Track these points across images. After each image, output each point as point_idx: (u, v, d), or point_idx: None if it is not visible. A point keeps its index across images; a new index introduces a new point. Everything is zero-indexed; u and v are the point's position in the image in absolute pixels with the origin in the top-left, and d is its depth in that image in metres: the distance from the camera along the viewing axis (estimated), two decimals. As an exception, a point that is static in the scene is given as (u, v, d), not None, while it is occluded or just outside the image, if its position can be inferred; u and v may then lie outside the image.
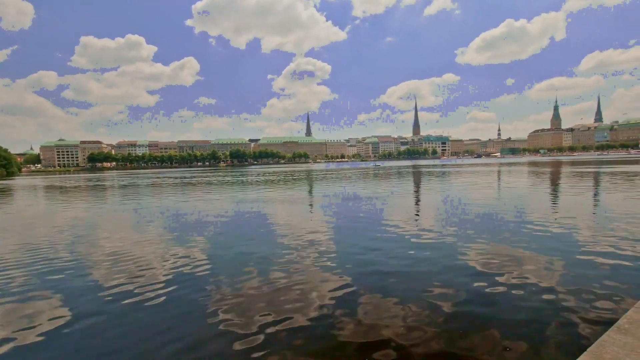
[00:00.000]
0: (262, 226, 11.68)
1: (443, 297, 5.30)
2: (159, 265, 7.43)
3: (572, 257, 7.03)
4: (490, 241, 8.49)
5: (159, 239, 9.98)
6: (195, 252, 8.40)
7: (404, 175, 43.30)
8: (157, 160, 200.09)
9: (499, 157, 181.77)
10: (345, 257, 7.57)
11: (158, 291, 5.92)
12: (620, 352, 2.70)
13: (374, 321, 4.61)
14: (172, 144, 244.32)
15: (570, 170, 41.39)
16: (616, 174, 30.80)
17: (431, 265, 6.84)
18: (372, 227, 10.81)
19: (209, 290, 5.91)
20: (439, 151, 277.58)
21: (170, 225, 12.36)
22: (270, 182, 36.38)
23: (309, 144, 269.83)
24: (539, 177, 31.24)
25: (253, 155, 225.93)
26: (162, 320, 4.90)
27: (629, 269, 6.17)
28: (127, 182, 46.77)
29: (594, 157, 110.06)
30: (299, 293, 5.63)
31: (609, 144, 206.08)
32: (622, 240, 8.05)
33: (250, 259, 7.67)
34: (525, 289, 5.48)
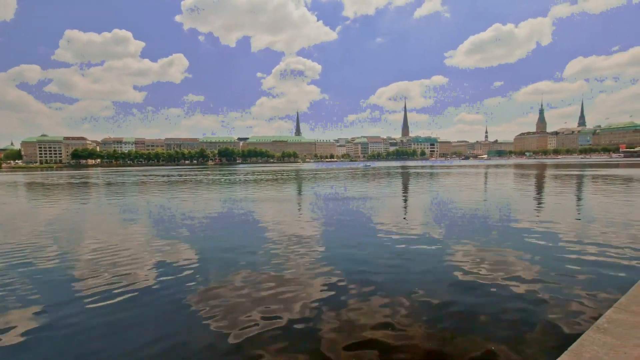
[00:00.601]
0: (250, 225, 11.58)
1: (430, 296, 5.33)
2: (144, 263, 7.28)
3: (555, 257, 7.15)
4: (476, 241, 8.58)
5: (144, 238, 9.79)
6: (181, 250, 8.27)
7: (394, 176, 43.56)
8: (144, 157, 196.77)
9: (486, 159, 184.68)
10: (333, 256, 7.55)
11: (142, 290, 5.80)
12: (600, 351, 2.73)
13: (361, 320, 4.60)
14: (159, 141, 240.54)
15: (554, 173, 42.27)
16: (597, 177, 31.60)
17: (418, 265, 6.88)
18: (360, 227, 10.84)
19: (194, 288, 5.82)
20: (428, 152, 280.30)
21: (156, 223, 12.14)
22: (259, 182, 36.15)
23: (298, 144, 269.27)
24: (525, 180, 31.81)
25: (242, 154, 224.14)
26: (146, 318, 4.82)
27: (609, 269, 6.30)
28: (112, 179, 45.86)
29: (577, 160, 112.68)
30: (285, 292, 5.58)
31: (592, 147, 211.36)
32: (602, 242, 8.24)
33: (237, 258, 7.57)
34: (510, 288, 5.55)
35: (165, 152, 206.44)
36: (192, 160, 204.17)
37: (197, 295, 5.52)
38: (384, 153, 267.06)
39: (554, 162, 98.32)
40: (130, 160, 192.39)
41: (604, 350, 2.74)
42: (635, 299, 3.68)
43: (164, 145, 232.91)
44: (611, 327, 3.12)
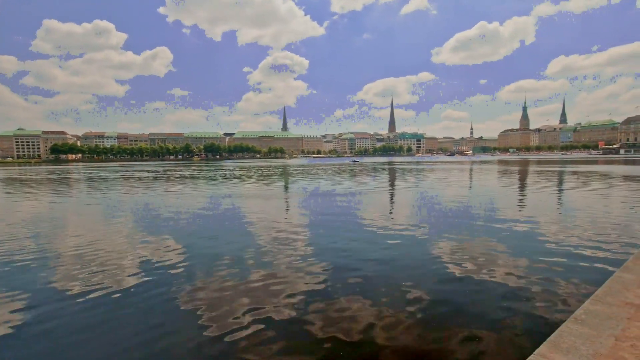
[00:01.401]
0: (236, 221, 11.45)
1: (417, 289, 5.36)
2: (128, 260, 7.09)
3: (536, 250, 7.29)
4: (462, 236, 8.69)
5: (127, 235, 9.56)
6: (166, 247, 8.09)
7: (383, 171, 43.84)
8: (127, 153, 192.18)
9: (471, 156, 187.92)
10: (320, 251, 7.52)
11: (125, 287, 5.64)
12: (577, 341, 2.78)
13: (349, 314, 4.59)
14: (143, 136, 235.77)
15: (537, 169, 43.29)
16: (578, 173, 32.51)
17: (405, 260, 6.92)
18: (347, 222, 10.84)
19: (180, 286, 5.69)
20: (414, 148, 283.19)
21: (140, 220, 11.88)
22: (245, 177, 35.85)
23: (285, 139, 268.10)
24: (509, 176, 32.46)
25: (228, 149, 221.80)
26: (130, 317, 4.68)
27: (587, 262, 6.47)
28: (94, 175, 44.75)
29: (559, 157, 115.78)
30: (273, 288, 5.52)
31: (572, 144, 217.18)
32: (582, 236, 8.45)
33: (223, 254, 7.46)
34: (493, 280, 5.64)
35: (149, 147, 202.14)
36: (177, 156, 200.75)
37: (182, 293, 5.40)
38: (371, 149, 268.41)
39: (536, 159, 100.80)
40: (113, 155, 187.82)
41: (581, 341, 2.79)
42: (611, 291, 3.77)
43: (148, 140, 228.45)
44: (588, 318, 3.17)
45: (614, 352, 2.63)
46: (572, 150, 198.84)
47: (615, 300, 3.53)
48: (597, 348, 2.68)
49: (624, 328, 2.98)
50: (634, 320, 3.12)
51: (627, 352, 2.62)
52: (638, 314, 3.22)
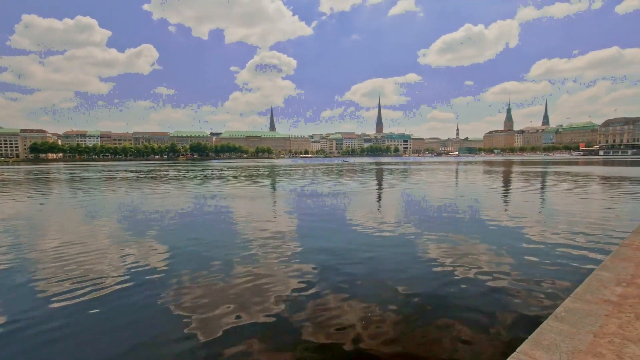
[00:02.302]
0: (223, 222, 11.32)
1: (403, 288, 5.40)
2: (111, 262, 6.92)
3: (520, 249, 7.45)
4: (448, 235, 8.79)
5: (111, 236, 9.34)
6: (151, 249, 7.94)
7: (371, 172, 44.08)
8: (110, 152, 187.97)
9: (457, 156, 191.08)
10: (307, 252, 7.50)
11: (109, 290, 5.51)
12: (557, 339, 2.83)
13: (337, 313, 4.59)
14: (126, 135, 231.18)
15: (521, 169, 44.23)
16: (560, 174, 33.37)
17: (392, 259, 6.96)
18: (335, 223, 10.84)
19: (165, 288, 5.58)
20: (401, 149, 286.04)
21: (124, 221, 11.63)
22: (232, 177, 35.54)
23: (272, 139, 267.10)
24: (494, 176, 33.07)
25: (215, 149, 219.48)
26: (114, 320, 4.56)
27: (568, 260, 6.62)
28: (76, 175, 43.65)
29: (541, 158, 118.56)
30: (260, 289, 5.48)
31: (554, 145, 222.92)
32: (563, 235, 8.66)
33: (210, 255, 7.36)
34: (478, 279, 5.73)
35: (134, 146, 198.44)
36: (162, 155, 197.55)
37: (167, 296, 5.30)
38: (358, 149, 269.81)
39: (520, 160, 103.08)
40: (96, 154, 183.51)
41: (561, 338, 2.85)
42: (590, 289, 3.86)
43: (132, 140, 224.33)
44: (567, 315, 3.24)
45: (593, 348, 2.69)
46: (554, 152, 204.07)
47: (594, 298, 3.62)
48: (577, 345, 2.74)
49: (602, 325, 3.05)
50: (611, 317, 3.20)
51: (605, 348, 2.68)
52: (615, 311, 3.31)
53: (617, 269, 4.49)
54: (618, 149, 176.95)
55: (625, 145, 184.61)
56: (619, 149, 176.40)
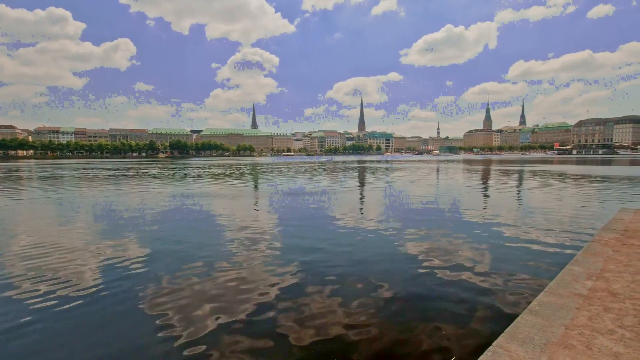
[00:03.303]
0: (203, 221, 11.15)
1: (385, 286, 5.46)
2: (87, 264, 6.69)
3: (498, 245, 7.67)
4: (429, 233, 8.96)
5: (87, 237, 9.02)
6: (129, 249, 7.73)
7: (355, 170, 44.29)
8: (85, 149, 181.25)
9: (438, 155, 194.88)
10: (290, 251, 7.47)
11: (85, 293, 5.32)
12: (531, 332, 2.93)
13: (320, 312, 4.59)
14: (103, 131, 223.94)
15: (499, 168, 45.45)
16: (536, 172, 34.50)
17: (375, 257, 7.02)
18: (318, 221, 10.85)
19: (143, 290, 5.43)
20: (383, 147, 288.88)
21: (100, 221, 11.28)
22: (213, 176, 35.03)
23: (254, 137, 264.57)
24: (474, 175, 33.84)
25: (195, 147, 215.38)
26: (90, 324, 4.41)
27: (543, 256, 6.86)
28: (48, 173, 42.03)
29: (518, 157, 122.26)
30: (242, 289, 5.42)
31: (531, 145, 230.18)
32: (538, 231, 8.96)
33: (190, 255, 7.23)
34: (458, 275, 5.85)
35: (110, 143, 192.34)
36: (140, 153, 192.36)
37: (146, 298, 5.17)
38: (341, 148, 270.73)
39: (498, 158, 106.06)
40: (69, 152, 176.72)
41: (535, 331, 2.94)
42: (562, 283, 4.01)
43: (108, 137, 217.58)
44: (541, 309, 3.35)
45: (564, 340, 2.79)
46: (530, 151, 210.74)
47: (566, 292, 3.75)
48: (549, 337, 2.84)
49: (573, 317, 3.17)
50: (581, 309, 3.33)
51: (575, 340, 2.79)
52: (585, 304, 3.45)
53: (587, 264, 4.68)
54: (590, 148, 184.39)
55: (597, 145, 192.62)
56: (591, 148, 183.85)
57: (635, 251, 5.25)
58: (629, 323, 3.06)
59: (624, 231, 6.57)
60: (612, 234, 6.32)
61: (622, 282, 4.02)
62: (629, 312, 3.27)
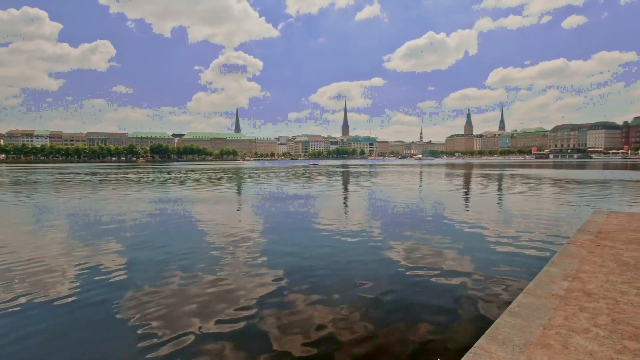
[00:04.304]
0: (185, 227, 10.94)
1: (370, 290, 5.47)
2: (63, 272, 6.45)
3: (479, 248, 7.82)
4: (413, 236, 9.06)
5: (62, 244, 8.71)
6: (106, 256, 7.50)
7: (339, 174, 44.41)
8: (61, 153, 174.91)
9: (421, 159, 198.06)
10: (274, 255, 7.41)
11: (61, 302, 5.13)
12: (511, 332, 2.99)
13: (303, 319, 4.55)
14: (80, 135, 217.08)
15: (480, 172, 46.46)
16: (515, 176, 35.45)
17: (359, 260, 7.05)
18: (301, 224, 10.82)
19: (123, 298, 5.28)
20: (367, 151, 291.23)
21: (76, 228, 10.93)
22: (195, 180, 34.50)
23: (237, 141, 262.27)
24: (456, 179, 34.47)
25: (177, 151, 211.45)
26: (65, 334, 4.24)
27: (522, 258, 7.04)
28: (21, 178, 40.47)
29: (498, 161, 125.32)
30: (225, 295, 5.33)
31: (510, 149, 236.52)
32: (518, 234, 9.19)
33: (170, 262, 7.07)
34: (441, 278, 5.93)
35: (88, 147, 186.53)
36: (119, 157, 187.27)
37: (125, 305, 5.01)
38: (325, 152, 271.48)
39: (479, 162, 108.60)
40: (44, 156, 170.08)
41: (514, 331, 3.00)
42: (540, 284, 4.11)
43: (86, 140, 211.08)
44: (520, 310, 3.43)
45: (542, 340, 2.86)
46: (509, 155, 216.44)
47: (544, 293, 3.85)
48: (528, 337, 2.90)
49: (551, 317, 3.25)
50: (558, 309, 3.42)
51: (553, 340, 2.86)
52: (562, 304, 3.55)
53: (564, 265, 4.82)
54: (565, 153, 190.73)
55: (572, 149, 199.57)
56: (567, 153, 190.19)
57: (608, 252, 5.45)
58: (603, 322, 3.16)
59: (598, 233, 6.81)
60: (586, 236, 6.54)
61: (596, 282, 4.16)
62: (602, 311, 3.38)
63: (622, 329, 3.03)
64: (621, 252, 5.41)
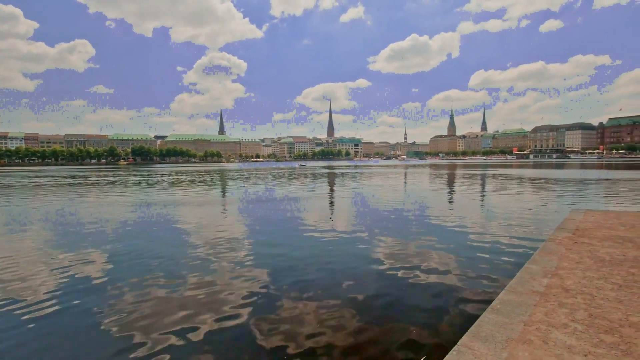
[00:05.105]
0: (168, 231, 10.74)
1: (356, 291, 5.49)
2: (42, 279, 6.24)
3: (464, 247, 7.97)
4: (398, 236, 9.13)
5: (41, 250, 8.43)
6: (87, 261, 7.28)
7: (324, 176, 44.43)
8: (38, 156, 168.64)
9: (406, 160, 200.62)
10: (260, 258, 7.36)
11: (41, 309, 4.96)
12: (493, 329, 3.04)
13: (290, 322, 4.53)
14: (57, 137, 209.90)
15: (463, 172, 47.32)
16: (497, 176, 36.24)
17: (345, 261, 7.06)
18: (287, 227, 10.76)
19: (104, 305, 5.13)
20: (352, 153, 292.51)
21: (55, 233, 10.58)
22: (178, 183, 33.93)
23: (222, 143, 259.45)
24: (440, 179, 34.99)
25: (160, 153, 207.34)
26: (45, 340, 4.10)
27: (505, 256, 7.19)
28: (-4, 181, 38.96)
29: (481, 161, 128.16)
30: (211, 299, 5.26)
31: (492, 150, 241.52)
32: (500, 233, 9.40)
33: (154, 266, 6.93)
34: (426, 277, 6.00)
35: (66, 149, 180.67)
36: (99, 160, 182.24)
37: (107, 314, 4.87)
38: (310, 153, 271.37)
39: (462, 163, 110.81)
40: (20, 158, 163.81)
41: (496, 328, 3.06)
42: (521, 281, 4.21)
43: (64, 142, 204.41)
44: (502, 307, 3.50)
45: (523, 336, 2.93)
46: (491, 155, 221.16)
47: (524, 290, 3.94)
48: (509, 334, 2.96)
49: (531, 314, 3.33)
50: (538, 306, 3.51)
51: (533, 335, 2.93)
52: (542, 301, 3.64)
53: (543, 262, 4.95)
54: (545, 153, 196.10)
55: (551, 150, 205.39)
56: (546, 153, 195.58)
57: (586, 249, 5.62)
58: (580, 317, 3.26)
59: (576, 230, 7.02)
60: (565, 234, 6.73)
61: (574, 278, 4.29)
62: (580, 306, 3.49)
63: (598, 323, 3.13)
64: (597, 249, 5.60)
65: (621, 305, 3.50)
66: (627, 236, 6.47)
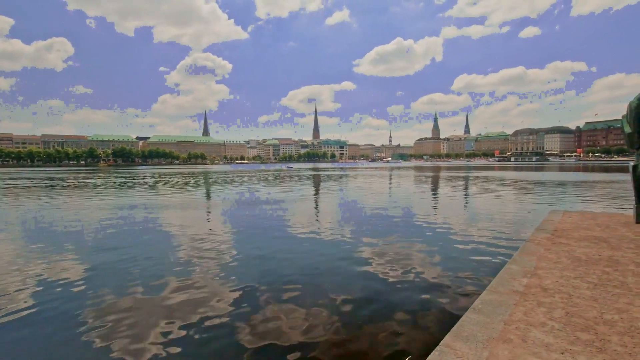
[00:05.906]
0: (150, 234, 10.52)
1: (341, 293, 5.48)
2: (17, 284, 5.99)
3: (447, 248, 8.09)
4: (382, 238, 9.19)
5: (15, 254, 8.11)
6: (66, 267, 7.03)
7: (311, 178, 44.41)
8: (12, 157, 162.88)
9: (391, 162, 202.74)
10: (245, 263, 7.29)
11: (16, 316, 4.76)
12: (474, 329, 3.09)
13: (275, 323, 4.49)
14: (34, 138, 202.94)
15: (447, 174, 48.11)
16: (479, 178, 36.99)
17: (329, 263, 7.05)
18: (272, 231, 10.70)
19: (85, 311, 4.96)
20: (337, 155, 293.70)
21: (31, 237, 10.21)
22: (160, 185, 33.35)
23: (206, 144, 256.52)
24: (424, 182, 35.46)
25: (142, 154, 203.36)
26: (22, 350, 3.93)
27: (487, 257, 7.34)
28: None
29: (464, 164, 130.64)
30: (194, 304, 5.15)
31: (475, 152, 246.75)
32: (483, 234, 9.58)
33: (135, 271, 6.77)
34: (410, 279, 6.06)
35: (43, 150, 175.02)
36: (78, 161, 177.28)
37: (88, 321, 4.71)
38: (295, 155, 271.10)
39: (446, 165, 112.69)
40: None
41: (478, 328, 3.11)
42: (502, 281, 4.30)
43: (40, 143, 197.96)
44: (483, 307, 3.56)
45: (503, 335, 2.99)
46: (474, 158, 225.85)
47: (505, 289, 4.03)
48: (490, 333, 3.02)
49: (511, 313, 3.41)
50: (518, 305, 3.59)
51: (513, 334, 3.00)
52: (521, 300, 3.72)
53: (523, 262, 5.07)
54: (526, 155, 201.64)
55: (531, 152, 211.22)
56: (527, 155, 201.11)
57: (563, 249, 5.79)
58: (558, 315, 3.35)
59: (554, 231, 7.22)
60: (544, 234, 6.91)
61: (552, 278, 4.41)
62: (557, 305, 3.58)
63: (574, 321, 3.22)
64: (574, 249, 5.77)
65: (596, 303, 3.61)
66: (602, 236, 6.70)
